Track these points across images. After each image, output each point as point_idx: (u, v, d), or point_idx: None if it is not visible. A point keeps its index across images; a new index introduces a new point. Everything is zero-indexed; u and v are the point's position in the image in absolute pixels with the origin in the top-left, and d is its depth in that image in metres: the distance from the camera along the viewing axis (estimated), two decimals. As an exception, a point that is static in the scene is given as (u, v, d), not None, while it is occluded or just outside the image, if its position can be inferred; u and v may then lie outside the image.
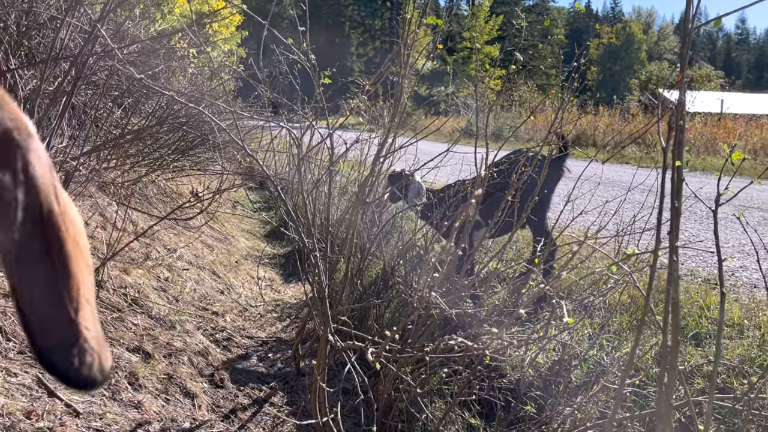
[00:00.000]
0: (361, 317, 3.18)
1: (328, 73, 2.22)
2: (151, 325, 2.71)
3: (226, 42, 10.26)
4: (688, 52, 0.90)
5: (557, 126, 2.69)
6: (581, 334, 2.90)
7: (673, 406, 1.14)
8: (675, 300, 0.96)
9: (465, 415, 2.45)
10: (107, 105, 4.80)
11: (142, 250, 3.59)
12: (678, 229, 0.94)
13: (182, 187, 5.65)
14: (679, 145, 0.93)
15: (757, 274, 3.97)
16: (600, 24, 73.12)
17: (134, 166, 4.67)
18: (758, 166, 10.94)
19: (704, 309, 3.06)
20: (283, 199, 2.61)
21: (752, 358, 2.49)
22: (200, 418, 2.27)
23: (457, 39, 41.21)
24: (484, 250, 3.96)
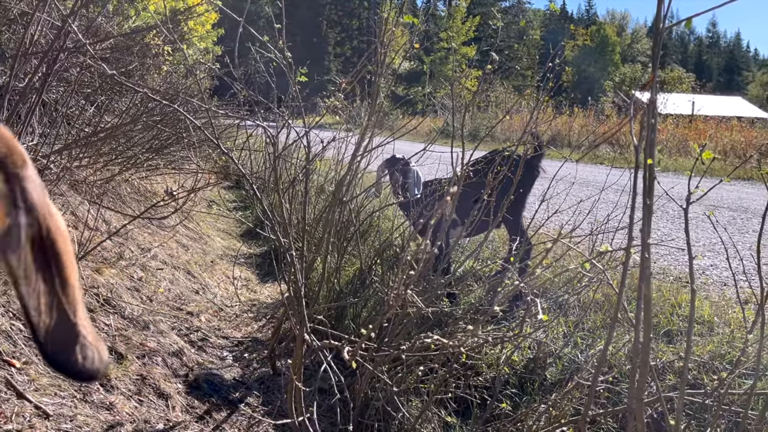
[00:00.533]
0: (338, 317, 3.17)
1: (305, 71, 2.21)
2: (124, 325, 2.67)
3: (201, 40, 10.16)
4: (659, 51, 0.91)
5: (532, 126, 2.71)
6: (556, 332, 2.92)
7: (645, 402, 1.15)
8: (647, 297, 0.97)
9: (441, 413, 2.46)
10: (79, 102, 4.72)
11: (115, 249, 3.54)
12: (650, 227, 0.95)
13: (157, 186, 5.58)
14: (650, 144, 0.94)
15: (727, 272, 4.05)
16: (575, 26, 73.96)
17: (107, 164, 4.60)
18: (728, 166, 11.16)
19: (676, 307, 3.12)
20: (258, 198, 2.60)
21: (722, 355, 2.54)
22: (174, 419, 2.25)
23: (434, 39, 41.33)
24: (460, 249, 3.97)
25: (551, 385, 2.63)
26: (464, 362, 2.47)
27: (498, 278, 2.76)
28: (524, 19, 54.11)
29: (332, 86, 2.51)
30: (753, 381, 1.42)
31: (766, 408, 1.53)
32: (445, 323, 2.72)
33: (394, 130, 3.10)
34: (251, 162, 6.79)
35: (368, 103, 3.11)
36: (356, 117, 5.56)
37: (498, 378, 2.53)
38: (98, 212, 3.56)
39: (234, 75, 2.56)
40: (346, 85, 2.23)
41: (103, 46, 4.26)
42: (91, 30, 3.97)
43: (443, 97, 24.76)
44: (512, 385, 2.64)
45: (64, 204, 3.53)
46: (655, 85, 0.93)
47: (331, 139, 3.01)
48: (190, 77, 6.67)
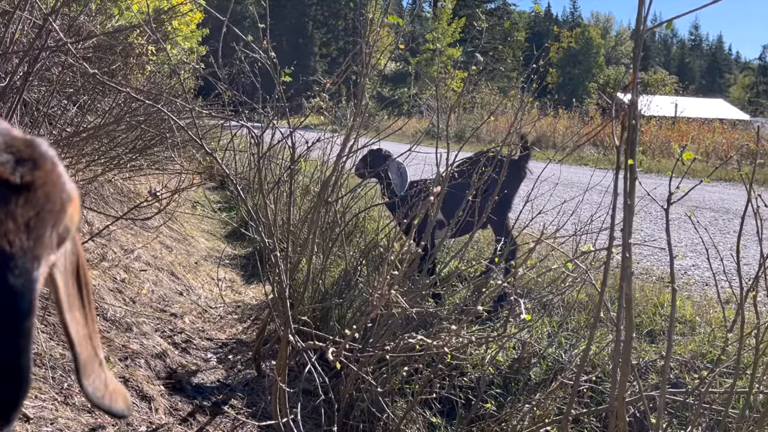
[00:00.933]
0: (323, 318, 3.17)
1: (289, 71, 2.20)
2: (106, 327, 2.64)
3: (186, 40, 10.09)
4: (640, 53, 0.92)
5: (517, 127, 2.72)
6: (540, 332, 2.94)
7: (627, 401, 1.16)
8: (629, 296, 0.98)
9: (426, 413, 2.46)
10: (61, 102, 4.67)
11: (98, 250, 3.50)
12: (631, 226, 0.96)
13: (140, 187, 5.54)
14: (631, 144, 0.95)
15: (708, 272, 4.09)
16: (559, 28, 74.44)
17: (89, 164, 4.55)
18: (710, 168, 11.28)
19: (658, 306, 3.15)
20: (243, 199, 2.58)
21: (703, 354, 2.57)
22: (157, 422, 2.23)
23: (420, 41, 41.39)
24: (445, 250, 3.98)
25: (536, 385, 2.64)
26: (449, 362, 2.48)
27: (483, 279, 2.77)
28: (509, 21, 54.38)
29: (317, 86, 2.49)
30: (733, 380, 1.43)
31: (746, 406, 1.55)
32: (430, 324, 2.72)
33: (379, 131, 3.10)
34: (236, 163, 6.76)
35: (354, 103, 3.11)
36: (342, 118, 5.55)
37: (483, 378, 2.53)
38: (81, 213, 3.53)
39: (219, 75, 2.55)
40: (330, 85, 2.22)
41: (86, 45, 4.21)
42: (73, 29, 3.93)
43: (429, 98, 24.82)
44: (497, 386, 2.65)
45: (45, 205, 3.49)
46: (636, 86, 0.94)
47: (316, 139, 3.01)
48: (174, 77, 6.62)
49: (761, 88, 75.70)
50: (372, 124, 6.93)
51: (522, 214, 3.06)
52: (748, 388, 1.47)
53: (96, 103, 5.06)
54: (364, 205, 3.86)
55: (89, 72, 1.98)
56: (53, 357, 2.17)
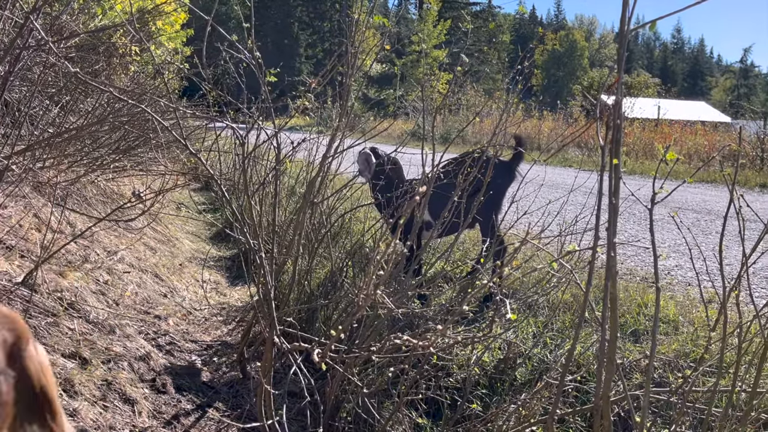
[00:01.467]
0: (308, 319, 3.15)
1: (274, 71, 2.19)
2: (88, 329, 2.61)
3: (170, 40, 10.02)
4: (624, 52, 0.93)
5: (502, 128, 2.73)
6: (526, 333, 2.95)
7: (612, 400, 1.16)
8: (614, 295, 0.98)
9: (412, 414, 2.46)
10: (43, 102, 4.61)
11: (80, 252, 3.46)
12: (616, 225, 0.96)
13: (123, 188, 5.48)
14: (616, 144, 0.96)
15: (691, 272, 4.13)
16: (543, 29, 74.93)
17: (72, 165, 4.50)
18: (692, 169, 11.40)
19: (642, 306, 3.17)
20: (228, 200, 2.57)
21: (686, 353, 2.59)
22: (140, 425, 2.20)
23: (405, 42, 41.44)
24: (431, 251, 3.98)
25: (521, 385, 2.65)
26: (435, 363, 2.47)
27: (468, 279, 2.78)
28: (494, 22, 54.67)
29: (303, 86, 2.48)
30: (716, 378, 1.45)
31: (729, 405, 1.56)
32: (416, 325, 2.72)
33: (365, 132, 3.10)
34: (220, 164, 6.72)
35: (339, 104, 3.10)
36: (327, 119, 5.54)
37: (468, 379, 2.53)
38: (62, 214, 3.49)
39: (203, 75, 2.53)
40: (315, 85, 2.22)
41: (68, 45, 4.17)
42: (54, 28, 3.88)
43: (415, 99, 24.85)
44: (482, 386, 2.65)
45: (26, 206, 3.44)
46: (620, 85, 0.94)
47: (302, 140, 2.99)
48: (158, 78, 6.57)
49: (742, 90, 76.77)
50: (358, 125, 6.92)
51: (508, 215, 3.07)
52: (730, 387, 1.48)
53: (78, 104, 5.01)
54: (350, 206, 3.85)
55: (71, 71, 1.95)
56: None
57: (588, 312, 2.44)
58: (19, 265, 2.78)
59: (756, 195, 9.06)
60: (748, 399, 1.50)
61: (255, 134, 3.16)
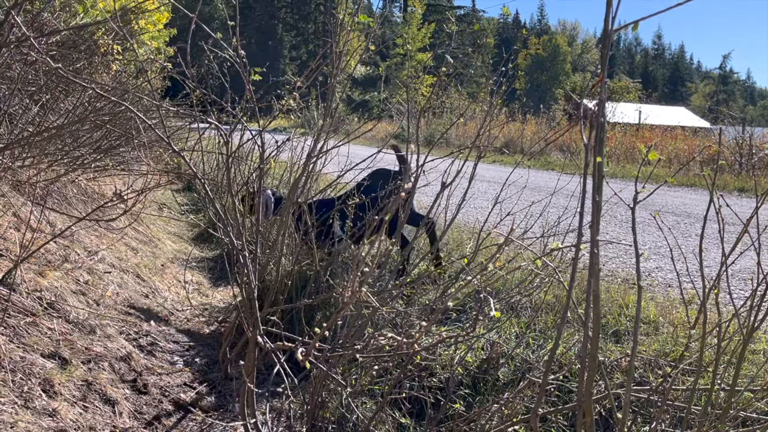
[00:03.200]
0: (291, 320, 3.14)
1: (259, 70, 2.19)
2: (68, 329, 2.58)
3: (153, 39, 9.95)
4: (608, 52, 0.94)
5: (486, 129, 2.74)
6: (509, 333, 2.96)
7: (594, 399, 1.18)
8: (596, 292, 1.00)
9: (395, 414, 2.46)
10: (23, 101, 4.55)
11: (60, 252, 3.42)
12: (599, 223, 0.98)
13: (105, 188, 5.42)
14: (600, 142, 0.97)
15: (671, 274, 4.18)
16: (528, 33, 75.50)
17: (52, 164, 4.45)
18: (672, 173, 11.54)
19: (623, 307, 3.20)
20: (211, 199, 2.55)
21: (666, 353, 2.62)
22: (121, 426, 2.18)
23: (389, 45, 41.53)
24: (415, 252, 3.99)
25: (503, 385, 2.66)
26: (418, 363, 2.48)
27: (452, 279, 2.78)
28: (478, 24, 54.99)
29: (288, 86, 2.48)
30: (695, 377, 1.47)
31: (708, 403, 1.58)
32: (400, 325, 2.72)
33: (349, 134, 3.10)
34: (203, 164, 6.68)
35: (324, 105, 3.10)
36: (311, 119, 5.53)
37: (452, 378, 2.54)
38: (42, 213, 3.44)
39: (187, 74, 2.51)
40: (300, 84, 2.21)
41: (49, 42, 4.12)
42: (35, 25, 3.83)
43: (399, 101, 24.88)
44: (466, 386, 2.66)
45: (5, 205, 3.40)
46: (604, 85, 0.96)
47: (286, 139, 2.99)
48: (140, 77, 6.51)
49: (721, 96, 77.91)
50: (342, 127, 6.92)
51: (491, 217, 3.09)
52: (710, 385, 1.50)
53: (59, 102, 4.95)
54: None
55: (53, 67, 1.93)
56: (13, 360, 2.11)
57: (570, 311, 2.47)
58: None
59: (735, 199, 9.20)
60: (727, 397, 1.53)
61: (238, 134, 3.15)
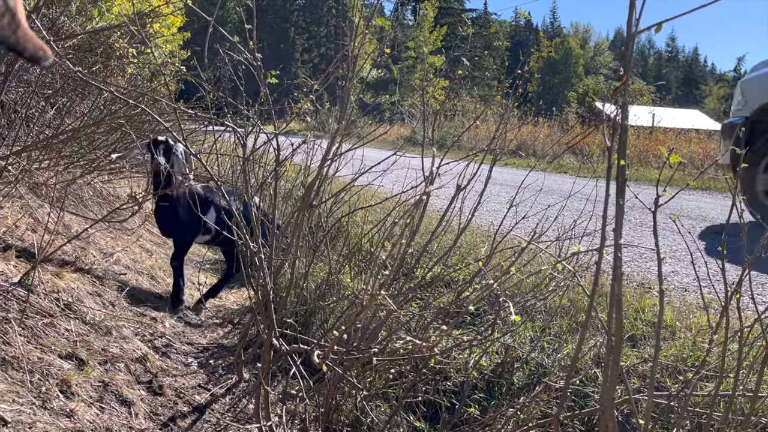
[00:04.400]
0: (305, 323, 3.14)
1: (275, 73, 2.19)
2: (85, 330, 2.59)
3: (167, 43, 10.03)
4: (631, 55, 0.93)
5: (501, 132, 2.73)
6: (523, 337, 2.95)
7: (615, 402, 1.16)
8: (619, 296, 0.99)
9: (410, 418, 2.45)
10: (39, 104, 4.60)
11: (76, 253, 3.45)
12: (621, 227, 0.97)
13: (120, 190, 5.47)
14: (622, 145, 0.96)
15: (687, 278, 4.14)
16: (539, 38, 75.38)
17: (68, 167, 4.49)
18: (687, 177, 11.45)
19: (639, 312, 3.17)
20: (228, 201, 2.56)
21: (684, 359, 2.59)
22: (137, 427, 2.19)
23: (401, 48, 41.55)
24: (429, 255, 3.98)
25: (518, 389, 2.64)
26: (432, 366, 2.47)
27: (468, 282, 2.77)
28: (493, 27, 54.96)
29: (305, 88, 2.49)
30: (717, 382, 1.45)
31: (729, 409, 1.56)
32: (414, 328, 2.72)
33: (362, 137, 3.10)
34: (218, 166, 6.71)
35: (338, 108, 3.10)
36: (324, 123, 5.54)
37: (466, 382, 2.53)
38: (59, 216, 3.47)
39: (203, 76, 2.53)
40: (317, 87, 2.22)
41: (66, 46, 4.16)
42: (53, 29, 3.87)
43: (411, 105, 24.88)
44: (480, 390, 2.65)
45: (23, 207, 3.43)
46: (626, 87, 0.95)
47: (302, 141, 2.99)
48: (155, 80, 6.56)
49: (736, 99, 77.04)
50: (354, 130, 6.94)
51: (506, 220, 3.07)
52: (731, 391, 1.48)
53: (75, 106, 5.00)
54: (347, 209, 3.85)
55: (71, 71, 1.95)
56: (31, 360, 2.13)
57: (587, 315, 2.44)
58: (15, 266, 2.76)
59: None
60: (750, 403, 1.51)
61: (254, 137, 3.17)
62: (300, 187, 4.85)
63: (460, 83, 3.17)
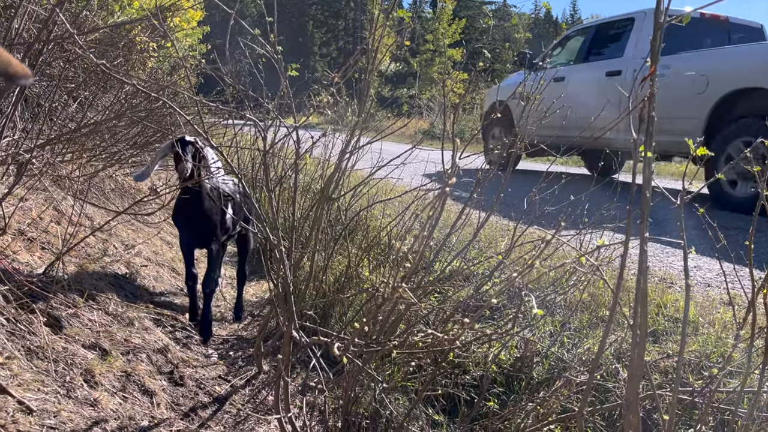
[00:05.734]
0: (324, 316, 3.15)
1: (296, 66, 2.19)
2: (108, 321, 2.63)
3: (187, 37, 10.09)
4: (660, 45, 0.92)
5: (524, 126, 2.70)
6: (543, 332, 2.93)
7: (639, 397, 1.15)
8: (644, 290, 0.97)
9: (429, 411, 2.45)
10: (62, 98, 4.66)
11: (99, 245, 3.49)
12: (647, 219, 0.95)
13: (141, 183, 5.52)
14: (649, 136, 0.95)
15: (710, 274, 4.09)
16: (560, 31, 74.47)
17: (90, 160, 4.54)
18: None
19: (661, 307, 3.14)
20: (248, 194, 2.57)
21: (707, 354, 2.56)
22: (159, 416, 2.22)
23: (420, 41, 41.39)
24: (447, 249, 3.97)
25: (538, 384, 2.63)
26: (451, 360, 2.46)
27: (487, 276, 2.76)
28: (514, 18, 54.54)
29: (324, 80, 2.49)
30: (743, 378, 1.43)
31: (755, 406, 1.54)
32: (433, 322, 2.71)
33: (380, 131, 3.09)
34: (238, 159, 6.75)
35: (357, 101, 3.10)
36: (343, 116, 5.54)
37: (486, 376, 2.52)
38: (82, 208, 3.51)
39: (223, 70, 2.54)
40: (338, 79, 2.22)
41: (88, 40, 4.20)
42: (76, 23, 3.91)
43: (430, 99, 24.78)
44: (499, 384, 2.64)
45: (47, 199, 3.48)
46: (654, 77, 0.93)
47: (322, 135, 3.00)
48: (175, 74, 6.60)
49: (760, 92, 75.60)
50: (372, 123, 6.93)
51: (526, 214, 3.05)
52: (756, 388, 1.46)
53: (97, 100, 5.05)
54: (365, 203, 3.85)
55: (94, 64, 1.97)
56: (55, 350, 2.16)
57: (609, 310, 2.42)
58: (40, 257, 2.80)
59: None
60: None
61: (273, 131, 3.18)
62: (319, 180, 4.86)
63: (479, 76, 3.13)
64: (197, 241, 3.28)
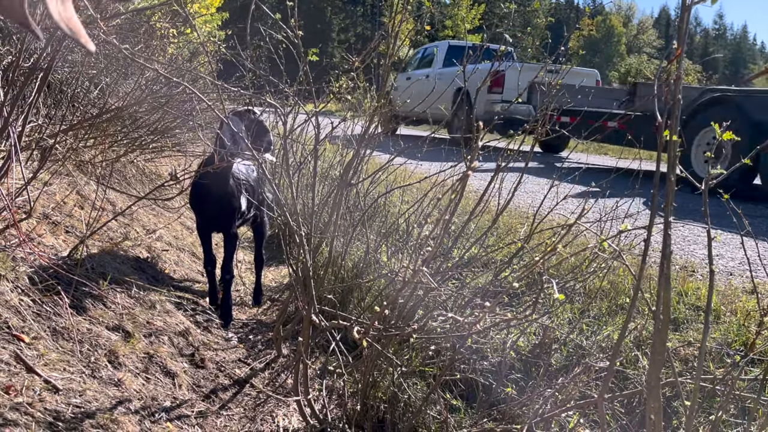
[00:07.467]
0: (342, 301, 3.17)
1: (316, 50, 2.19)
2: (130, 304, 2.67)
3: (206, 23, 10.12)
4: (687, 27, 0.90)
5: (546, 112, 2.68)
6: (561, 319, 2.92)
7: (662, 383, 1.15)
8: (667, 275, 0.97)
9: (447, 396, 2.46)
10: (84, 84, 4.70)
11: (121, 230, 3.54)
12: (671, 204, 0.95)
13: (161, 168, 5.57)
14: (675, 120, 0.93)
15: (732, 262, 4.04)
16: (581, 15, 73.42)
17: (112, 145, 4.59)
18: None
19: (682, 295, 3.11)
20: (269, 180, 2.59)
21: (729, 343, 2.54)
22: (181, 398, 2.25)
23: (439, 27, 41.07)
24: (466, 236, 3.96)
25: (556, 370, 2.63)
26: (469, 346, 2.47)
27: (506, 263, 2.76)
28: (537, 2, 53.84)
29: (344, 67, 2.48)
30: (765, 366, 1.41)
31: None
32: (451, 307, 2.72)
33: (398, 117, 3.09)
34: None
35: (376, 86, 3.09)
36: (362, 102, 5.53)
37: (504, 362, 2.53)
38: (105, 192, 3.56)
39: (243, 55, 2.54)
40: (359, 64, 2.21)
41: (109, 25, 4.23)
42: (99, 8, 3.94)
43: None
44: (517, 370, 2.64)
45: (70, 183, 3.52)
46: (681, 59, 0.92)
47: (341, 120, 3.00)
48: (194, 60, 6.64)
49: (786, 79, 74.20)
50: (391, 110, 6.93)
51: (546, 201, 3.03)
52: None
53: (118, 86, 5.10)
54: (384, 189, 3.85)
55: (117, 49, 1.98)
56: (80, 331, 2.20)
57: (628, 297, 2.41)
58: (64, 240, 2.85)
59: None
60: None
61: (293, 117, 3.18)
62: (337, 166, 4.86)
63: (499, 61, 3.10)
64: (214, 225, 3.28)
